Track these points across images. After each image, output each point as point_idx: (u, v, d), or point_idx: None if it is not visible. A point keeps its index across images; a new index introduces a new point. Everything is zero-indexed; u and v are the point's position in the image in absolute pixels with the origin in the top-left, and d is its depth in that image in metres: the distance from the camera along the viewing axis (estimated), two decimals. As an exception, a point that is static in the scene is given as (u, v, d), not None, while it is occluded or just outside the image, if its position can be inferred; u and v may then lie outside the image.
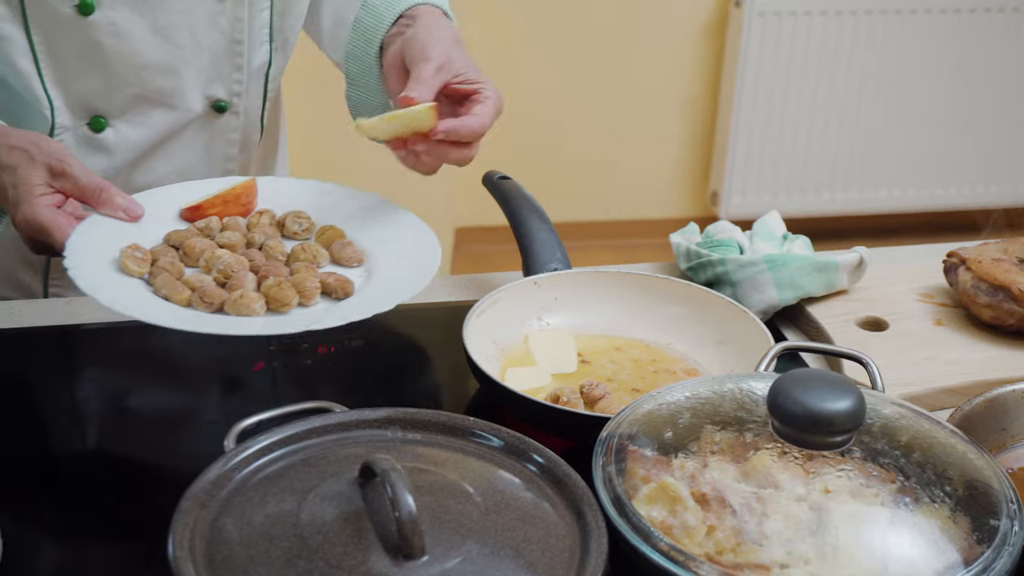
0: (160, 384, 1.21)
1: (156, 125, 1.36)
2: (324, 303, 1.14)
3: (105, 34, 1.28)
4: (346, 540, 0.85)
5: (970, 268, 1.30)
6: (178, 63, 1.33)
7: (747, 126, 3.61)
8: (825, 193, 3.74)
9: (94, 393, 1.21)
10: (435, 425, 0.98)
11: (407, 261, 1.20)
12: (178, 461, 1.07)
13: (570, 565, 0.86)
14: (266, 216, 1.24)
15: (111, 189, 1.18)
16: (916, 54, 3.61)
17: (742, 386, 1.02)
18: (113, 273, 1.12)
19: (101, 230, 1.17)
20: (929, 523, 0.90)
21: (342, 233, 1.23)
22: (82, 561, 0.98)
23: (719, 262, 1.33)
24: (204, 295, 1.11)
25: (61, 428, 1.15)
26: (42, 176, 1.16)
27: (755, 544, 0.89)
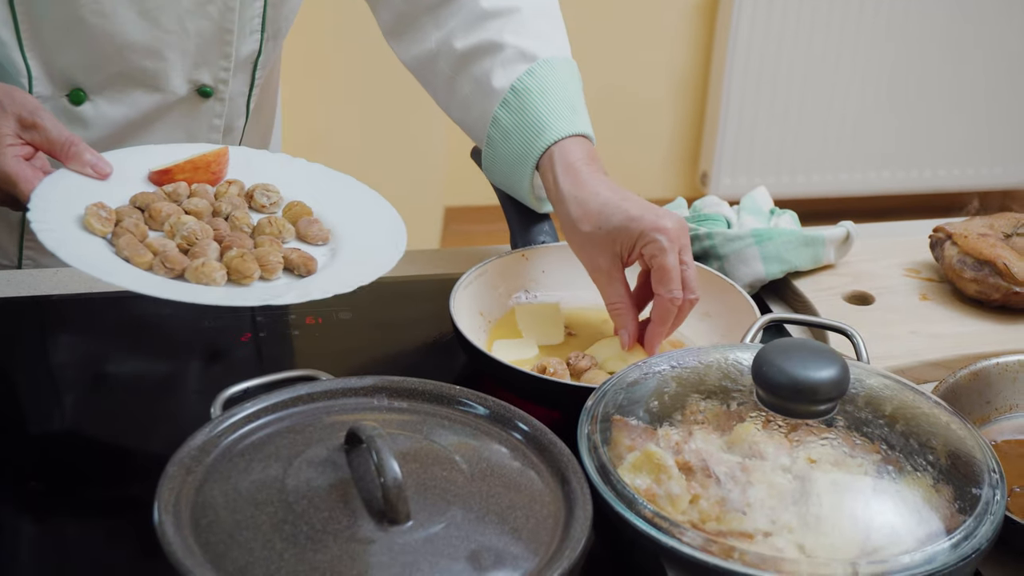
0: (147, 354, 1.21)
1: (137, 104, 1.35)
2: (286, 278, 1.13)
3: (88, 12, 1.27)
4: (331, 505, 0.85)
5: (956, 243, 1.30)
6: (163, 46, 1.32)
7: (738, 106, 3.61)
8: (815, 174, 3.74)
9: (81, 363, 1.21)
10: (421, 393, 0.99)
11: (373, 243, 1.19)
12: (165, 429, 1.07)
13: (554, 531, 0.87)
14: (235, 186, 1.23)
15: (80, 144, 1.18)
16: (908, 34, 3.61)
17: (728, 356, 1.03)
18: (76, 230, 1.11)
19: (67, 185, 1.15)
20: (912, 492, 0.91)
21: (309, 210, 1.22)
22: (70, 529, 0.99)
23: (706, 236, 1.33)
24: (166, 260, 1.10)
25: (43, 397, 1.15)
26: (11, 127, 1.16)
27: (739, 513, 0.89)
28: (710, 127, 3.69)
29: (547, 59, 1.29)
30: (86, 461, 1.05)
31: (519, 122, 1.26)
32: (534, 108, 1.25)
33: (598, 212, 1.18)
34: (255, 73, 1.41)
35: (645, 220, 1.16)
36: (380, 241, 1.19)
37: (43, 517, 0.99)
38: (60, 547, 0.97)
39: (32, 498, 1.00)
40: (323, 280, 1.13)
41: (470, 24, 1.32)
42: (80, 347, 1.22)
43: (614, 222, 1.17)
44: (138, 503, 0.89)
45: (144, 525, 0.85)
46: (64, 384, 1.17)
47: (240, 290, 1.10)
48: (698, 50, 3.65)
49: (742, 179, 3.69)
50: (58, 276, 1.30)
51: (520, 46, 1.29)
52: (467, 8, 1.33)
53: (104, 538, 0.98)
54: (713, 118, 3.66)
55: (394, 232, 1.20)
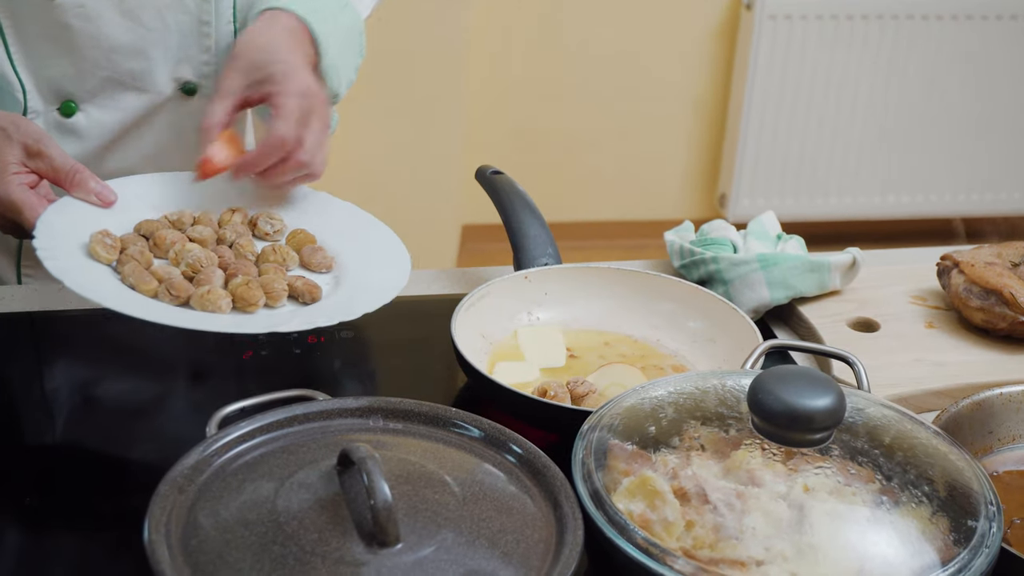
0: (147, 371, 1.21)
1: (127, 108, 1.37)
2: (290, 306, 1.14)
3: (73, 16, 1.28)
4: (322, 527, 0.85)
5: (963, 271, 1.29)
6: (146, 45, 1.33)
7: (756, 129, 3.61)
8: (833, 197, 3.73)
9: (80, 379, 1.21)
10: (416, 415, 0.99)
11: (377, 272, 1.19)
12: (162, 447, 1.07)
13: (545, 556, 0.87)
14: (239, 214, 1.24)
15: (85, 172, 1.19)
16: (926, 59, 3.60)
17: (726, 383, 1.02)
18: (82, 258, 1.12)
19: (72, 213, 1.16)
20: (907, 523, 0.90)
21: (313, 238, 1.23)
22: (65, 544, 0.98)
23: (712, 260, 1.33)
24: (171, 287, 1.10)
25: (43, 414, 1.15)
26: (18, 155, 1.17)
27: (733, 540, 0.89)
28: (728, 149, 3.68)
29: None
30: (83, 478, 1.05)
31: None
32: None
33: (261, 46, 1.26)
34: None
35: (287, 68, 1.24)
36: (384, 268, 1.20)
37: (39, 533, 0.99)
38: (54, 563, 0.96)
39: (28, 514, 1.00)
40: (327, 308, 1.14)
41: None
42: (80, 364, 1.22)
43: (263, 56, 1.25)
44: (133, 521, 0.89)
45: (139, 543, 0.85)
46: (63, 400, 1.17)
47: (245, 318, 1.11)
48: (717, 73, 3.65)
49: (760, 201, 3.68)
50: (60, 292, 1.30)
51: None
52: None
53: (99, 555, 0.98)
54: (732, 140, 3.66)
55: (398, 259, 1.21)
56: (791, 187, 3.70)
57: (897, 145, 3.71)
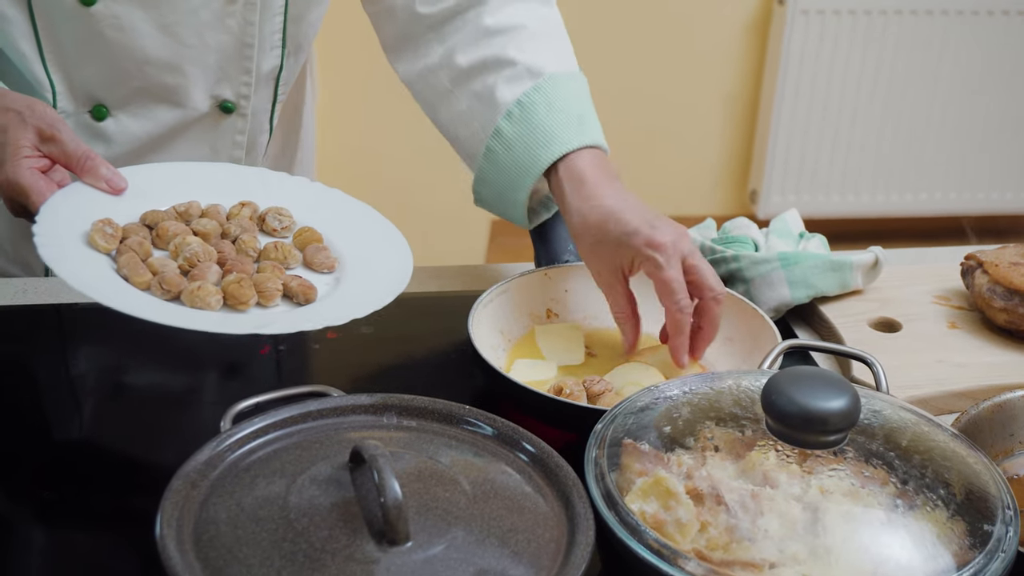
0: (165, 365, 1.21)
1: (159, 120, 1.35)
2: (284, 306, 1.12)
3: (107, 26, 1.27)
4: (332, 524, 0.85)
5: (987, 271, 1.28)
6: (183, 61, 1.32)
7: (788, 125, 3.58)
8: (865, 195, 3.70)
9: (98, 372, 1.21)
10: (429, 412, 0.98)
11: (377, 276, 1.17)
12: (178, 441, 1.07)
13: (556, 556, 0.86)
14: (248, 208, 1.22)
15: (96, 159, 1.18)
16: (958, 56, 3.57)
17: (742, 383, 1.02)
18: (79, 246, 1.11)
19: (79, 200, 1.15)
20: (923, 526, 0.90)
21: (320, 237, 1.21)
22: (81, 538, 0.99)
23: (733, 259, 1.32)
24: (163, 281, 1.08)
25: (59, 406, 1.16)
26: (31, 138, 1.16)
27: (747, 542, 0.88)
28: (760, 146, 3.66)
29: (553, 74, 1.29)
30: (99, 471, 1.05)
31: (524, 134, 1.26)
32: (540, 121, 1.26)
33: (598, 225, 1.20)
34: (277, 89, 1.40)
35: (640, 236, 1.17)
36: (385, 274, 1.17)
37: (55, 526, 0.99)
38: (70, 557, 0.97)
39: (44, 507, 1.01)
40: (317, 310, 1.11)
41: (474, 40, 1.32)
42: (98, 357, 1.23)
43: (612, 236, 1.19)
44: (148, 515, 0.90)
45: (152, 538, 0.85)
46: (81, 393, 1.18)
47: (234, 316, 1.08)
48: (749, 69, 3.63)
49: (791, 197, 3.66)
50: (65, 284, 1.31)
51: (526, 62, 1.30)
52: (472, 24, 1.33)
53: (113, 549, 0.98)
54: (763, 137, 3.64)
55: (400, 265, 1.18)
56: (822, 184, 3.68)
57: (929, 142, 3.68)
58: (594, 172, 1.24)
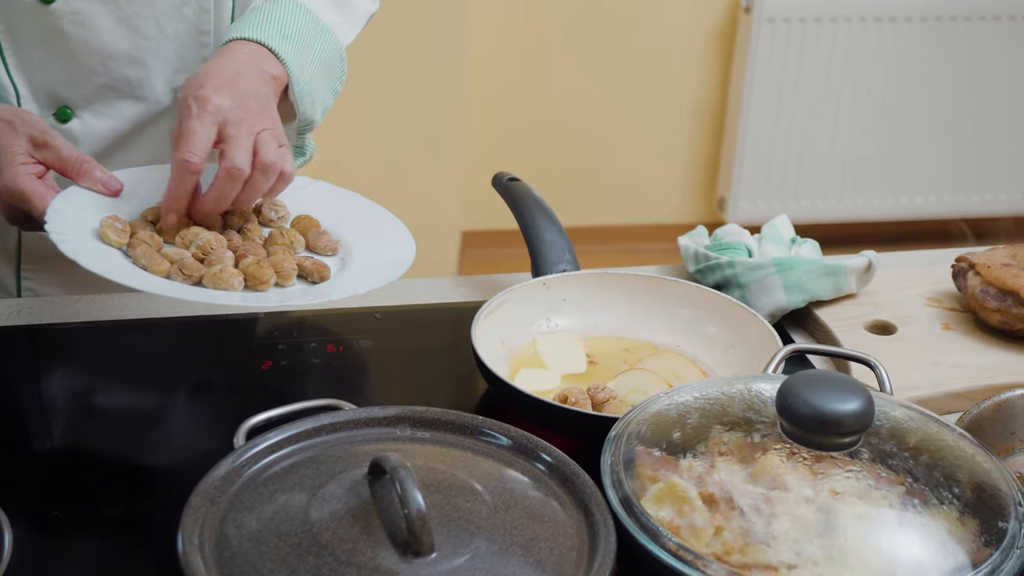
0: (167, 383, 1.21)
1: (123, 116, 1.36)
2: (300, 285, 1.15)
3: (68, 23, 1.28)
4: (355, 537, 0.85)
5: (979, 273, 1.30)
6: (144, 53, 1.33)
7: (755, 132, 3.61)
8: (833, 199, 3.74)
9: (101, 392, 1.21)
10: (444, 424, 0.99)
11: (382, 251, 1.21)
12: (187, 458, 1.07)
13: (578, 563, 0.87)
14: None
15: (91, 162, 1.19)
16: (925, 61, 3.61)
17: (750, 387, 1.03)
18: (94, 241, 1.13)
19: (80, 201, 1.17)
20: (937, 525, 0.91)
21: (317, 223, 1.24)
22: (91, 558, 0.98)
23: (727, 265, 1.33)
24: (183, 267, 1.11)
25: (69, 426, 1.15)
26: (24, 146, 1.17)
27: (763, 545, 0.89)
28: (728, 152, 3.69)
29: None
30: (107, 491, 1.05)
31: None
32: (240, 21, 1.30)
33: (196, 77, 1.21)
34: None
35: (190, 84, 1.19)
36: (389, 249, 1.21)
37: (65, 547, 0.98)
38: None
39: (59, 523, 1.00)
40: (337, 285, 1.15)
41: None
42: (98, 376, 1.22)
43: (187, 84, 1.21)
44: (161, 533, 0.89)
45: (167, 554, 0.85)
46: (84, 414, 1.17)
47: (257, 295, 1.12)
48: (716, 76, 3.66)
49: (760, 204, 3.69)
50: (73, 304, 1.31)
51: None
52: None
53: (128, 567, 0.98)
54: (731, 144, 3.66)
55: (402, 240, 1.22)
56: (791, 190, 3.71)
57: (896, 147, 3.72)
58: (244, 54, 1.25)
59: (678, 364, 1.22)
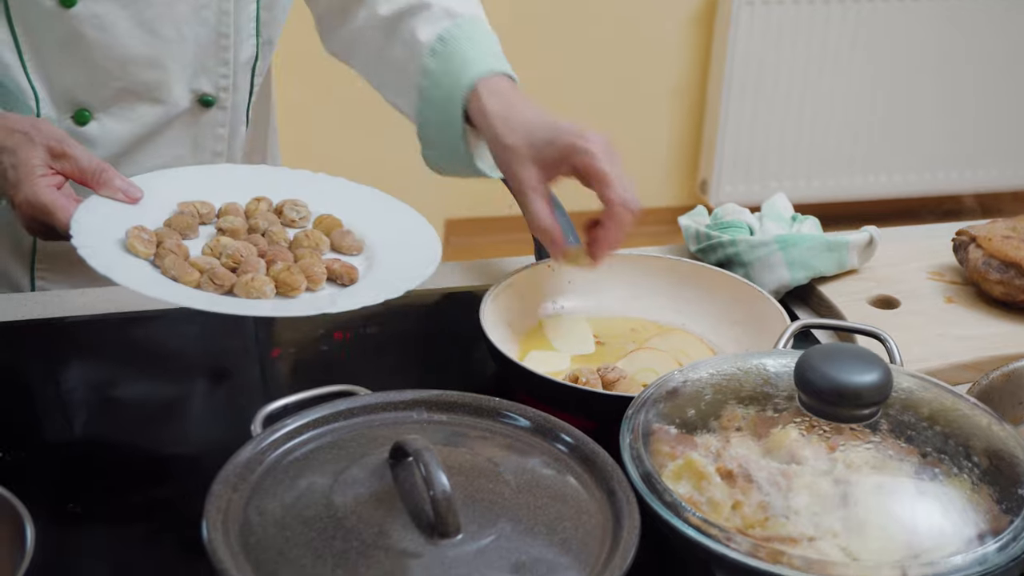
0: (178, 374, 1.21)
1: (141, 119, 1.35)
2: (330, 288, 1.15)
3: (88, 27, 1.27)
4: (381, 520, 0.85)
5: (980, 246, 1.31)
6: (163, 57, 1.32)
7: (736, 114, 3.62)
8: (815, 180, 3.75)
9: (113, 383, 1.20)
10: (461, 406, 0.98)
11: (407, 250, 1.20)
12: (202, 448, 1.08)
13: (603, 541, 0.87)
14: (264, 203, 1.24)
15: (111, 171, 1.18)
16: (905, 41, 3.62)
17: (764, 363, 1.03)
18: (121, 253, 1.12)
19: (103, 211, 1.16)
20: (955, 494, 0.91)
21: (340, 222, 1.23)
22: (111, 549, 0.98)
23: (730, 243, 1.33)
24: (214, 277, 1.11)
25: (81, 419, 1.15)
26: (42, 157, 1.16)
27: (782, 518, 0.89)
28: (709, 135, 3.70)
29: (469, 15, 1.34)
30: (124, 482, 1.05)
31: (448, 68, 1.28)
32: (463, 52, 1.28)
33: (523, 125, 1.21)
34: (253, 79, 1.41)
35: (572, 132, 1.18)
36: (415, 246, 1.20)
37: (85, 539, 0.98)
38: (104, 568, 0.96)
39: (79, 515, 1.00)
40: (369, 287, 1.14)
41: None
42: (109, 369, 1.22)
43: (540, 135, 1.20)
44: (180, 523, 0.89)
45: (188, 542, 0.84)
46: (95, 406, 1.17)
47: (290, 302, 1.11)
48: (696, 59, 3.66)
49: (741, 187, 3.70)
50: (84, 297, 1.30)
51: (442, 4, 1.33)
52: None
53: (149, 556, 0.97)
54: (712, 126, 3.67)
55: (426, 237, 1.22)
56: (772, 172, 3.72)
57: (878, 127, 3.74)
58: (514, 91, 1.26)
59: (686, 342, 1.22)
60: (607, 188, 1.16)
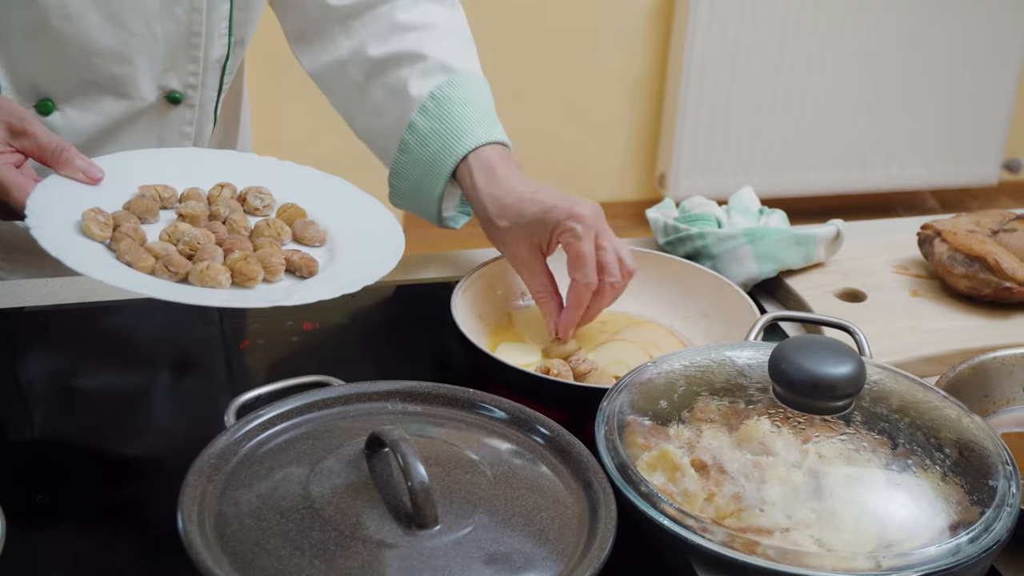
0: (148, 364, 1.19)
1: (106, 112, 1.34)
2: (288, 280, 1.13)
3: (54, 16, 1.25)
4: (358, 511, 0.85)
5: (946, 240, 1.32)
6: (131, 51, 1.30)
7: (695, 107, 3.63)
8: (772, 175, 3.77)
9: (81, 374, 1.19)
10: (436, 397, 0.98)
11: (371, 243, 1.19)
12: (173, 439, 1.07)
13: (580, 532, 0.87)
14: (227, 189, 1.22)
15: (71, 150, 1.16)
16: (864, 32, 3.65)
17: (735, 354, 1.03)
18: (76, 236, 1.10)
19: (61, 192, 1.14)
20: (926, 485, 0.92)
21: (304, 212, 1.22)
22: (82, 539, 0.97)
23: (698, 236, 1.34)
24: (169, 264, 1.09)
25: (48, 411, 1.13)
26: (1, 134, 1.14)
27: (756, 509, 0.90)
28: (667, 129, 3.71)
29: (466, 71, 1.33)
30: (93, 474, 1.04)
31: (438, 129, 1.29)
32: (455, 116, 1.29)
33: (513, 207, 1.22)
34: (223, 79, 1.39)
35: (559, 209, 1.20)
36: (378, 240, 1.19)
37: (54, 532, 0.97)
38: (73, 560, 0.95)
39: (48, 508, 0.99)
40: (327, 280, 1.13)
41: (385, 34, 1.35)
42: (73, 360, 1.20)
43: (529, 215, 1.21)
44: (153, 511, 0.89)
45: (160, 536, 0.84)
46: (63, 397, 1.15)
47: (245, 292, 1.09)
48: (654, 52, 3.67)
49: (700, 180, 3.71)
50: (48, 286, 1.29)
51: (438, 57, 1.33)
52: (382, 20, 1.36)
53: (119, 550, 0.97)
54: (670, 120, 3.68)
55: (391, 231, 1.21)
56: (730, 166, 3.73)
57: (836, 120, 3.76)
58: (503, 163, 1.27)
59: (657, 334, 1.22)
60: (575, 269, 1.19)
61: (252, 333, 1.22)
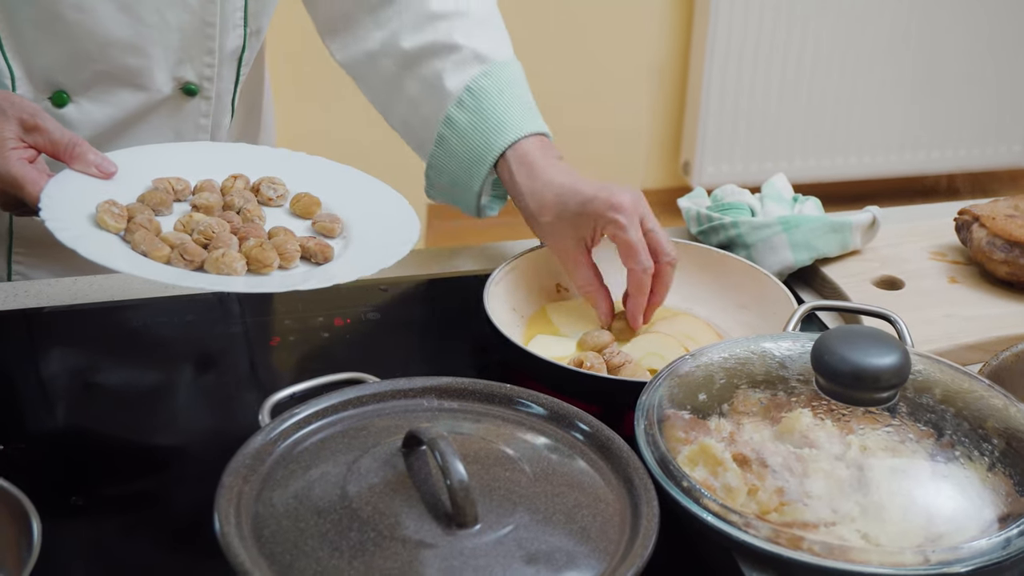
0: (176, 362, 1.18)
1: (122, 104, 1.33)
2: (304, 267, 1.13)
3: (67, 7, 1.24)
4: (396, 510, 0.83)
5: (984, 225, 1.30)
6: (145, 42, 1.29)
7: (718, 94, 3.61)
8: (798, 160, 3.74)
9: (106, 374, 1.18)
10: (473, 393, 0.97)
11: (385, 230, 1.18)
12: (206, 438, 1.06)
13: (622, 529, 0.86)
14: (240, 180, 1.22)
15: (84, 144, 1.16)
16: (891, 18, 3.61)
17: (775, 346, 1.02)
18: (90, 227, 1.10)
19: (74, 186, 1.14)
20: (972, 477, 0.90)
21: (318, 201, 1.22)
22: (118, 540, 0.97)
23: (732, 225, 1.32)
24: (185, 252, 1.09)
25: (80, 411, 1.13)
26: (14, 130, 1.14)
27: (800, 503, 0.88)
28: (691, 116, 3.68)
29: (501, 61, 1.32)
30: (126, 474, 1.03)
31: (476, 123, 1.28)
32: (492, 108, 1.28)
33: (554, 201, 1.22)
34: (239, 70, 1.38)
35: (599, 200, 1.19)
36: (392, 227, 1.18)
37: (88, 532, 0.97)
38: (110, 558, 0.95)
39: (84, 509, 0.98)
40: (342, 265, 1.12)
41: (417, 25, 1.33)
42: (102, 359, 1.19)
43: (571, 208, 1.21)
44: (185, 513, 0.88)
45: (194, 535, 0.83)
46: (92, 398, 1.14)
47: (261, 278, 1.09)
48: (677, 39, 3.64)
49: (724, 167, 3.69)
50: (77, 285, 1.28)
51: (472, 47, 1.31)
52: (413, 9, 1.34)
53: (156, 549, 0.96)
54: (694, 107, 3.65)
55: (405, 217, 1.20)
56: (755, 152, 3.71)
57: (860, 105, 3.73)
58: (542, 155, 1.26)
59: (692, 326, 1.21)
60: (628, 258, 1.19)
61: (283, 330, 1.20)
